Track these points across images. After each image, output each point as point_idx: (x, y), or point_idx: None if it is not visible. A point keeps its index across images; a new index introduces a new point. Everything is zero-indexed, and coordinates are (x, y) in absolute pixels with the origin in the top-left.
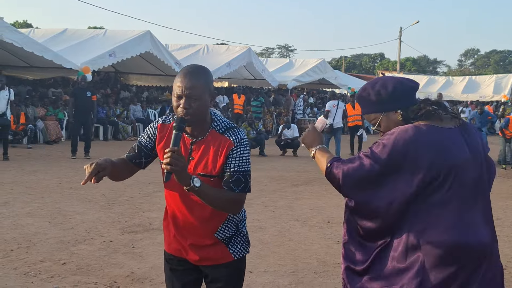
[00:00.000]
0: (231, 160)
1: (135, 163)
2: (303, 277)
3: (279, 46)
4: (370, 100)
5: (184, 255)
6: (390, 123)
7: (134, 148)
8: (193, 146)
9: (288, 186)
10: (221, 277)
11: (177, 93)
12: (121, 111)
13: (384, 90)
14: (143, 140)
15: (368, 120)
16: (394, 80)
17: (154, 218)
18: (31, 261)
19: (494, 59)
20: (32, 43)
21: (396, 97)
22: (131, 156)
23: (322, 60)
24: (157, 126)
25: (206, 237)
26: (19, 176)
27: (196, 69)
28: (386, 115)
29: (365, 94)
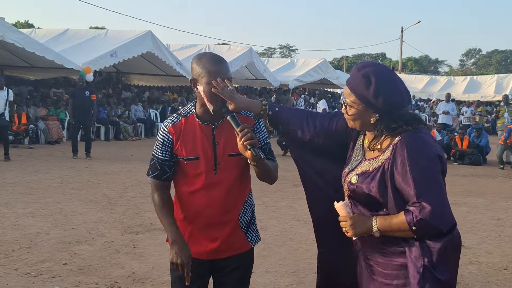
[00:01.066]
0: (258, 135)
1: (164, 179)
2: (304, 277)
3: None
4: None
5: (201, 254)
6: (362, 119)
7: (155, 167)
8: (215, 131)
9: (289, 186)
10: (239, 266)
11: (219, 77)
12: (122, 111)
13: (385, 97)
14: (160, 154)
15: (346, 94)
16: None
17: (155, 219)
18: (32, 261)
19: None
20: (34, 43)
21: (387, 105)
22: (158, 174)
23: (324, 60)
24: (169, 131)
25: (230, 222)
26: (21, 176)
27: (220, 56)
28: (366, 110)
29: (366, 81)
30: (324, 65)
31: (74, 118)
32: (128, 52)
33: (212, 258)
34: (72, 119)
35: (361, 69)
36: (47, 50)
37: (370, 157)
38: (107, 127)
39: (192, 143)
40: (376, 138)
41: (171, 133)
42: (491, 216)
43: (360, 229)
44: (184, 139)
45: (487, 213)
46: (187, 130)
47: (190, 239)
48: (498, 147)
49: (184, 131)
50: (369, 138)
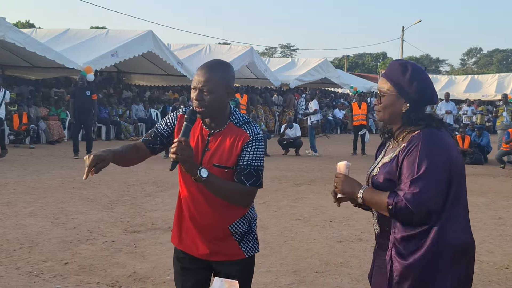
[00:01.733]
0: (245, 153)
1: (149, 147)
2: (305, 277)
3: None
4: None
5: (195, 251)
6: (393, 107)
7: (151, 133)
8: (210, 137)
9: (290, 186)
10: (234, 273)
11: (193, 85)
12: (123, 111)
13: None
14: (160, 127)
15: (380, 85)
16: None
17: (156, 218)
18: (33, 261)
19: (497, 58)
20: (35, 43)
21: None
22: (147, 140)
23: (325, 59)
24: (177, 116)
25: (219, 229)
26: (22, 176)
27: (215, 63)
28: (399, 98)
29: (403, 68)
30: (325, 65)
31: (75, 117)
32: (129, 52)
33: (203, 258)
34: (73, 118)
35: (399, 61)
36: (48, 50)
37: (389, 151)
38: (108, 127)
39: (189, 139)
40: (402, 127)
41: (177, 119)
42: (492, 215)
43: (347, 189)
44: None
45: (488, 212)
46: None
47: (185, 234)
48: (498, 150)
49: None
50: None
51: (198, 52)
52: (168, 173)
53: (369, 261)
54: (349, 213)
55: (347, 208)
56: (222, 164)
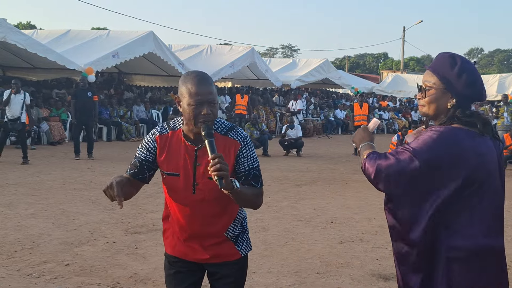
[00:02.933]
0: (243, 160)
1: (139, 179)
2: (306, 278)
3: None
4: (449, 69)
5: (190, 257)
6: (438, 102)
7: (135, 164)
8: (197, 152)
9: (291, 186)
10: (231, 273)
11: (198, 100)
12: (124, 112)
13: (468, 76)
14: (142, 155)
15: (425, 78)
16: (479, 77)
17: (157, 219)
18: (34, 262)
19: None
20: (36, 44)
21: (469, 87)
22: (134, 173)
23: (326, 60)
24: (155, 139)
25: (215, 237)
26: (23, 177)
27: (206, 76)
28: (445, 93)
29: (452, 61)
30: (326, 65)
31: (76, 118)
32: (130, 53)
33: (200, 262)
34: (74, 119)
35: (448, 53)
36: (49, 51)
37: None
38: (109, 128)
39: (175, 158)
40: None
41: (156, 142)
42: None
43: (356, 138)
44: (169, 153)
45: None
46: (172, 144)
47: (178, 242)
48: None
49: (169, 145)
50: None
51: (199, 53)
52: None
53: (370, 261)
54: (350, 214)
55: (348, 209)
56: None
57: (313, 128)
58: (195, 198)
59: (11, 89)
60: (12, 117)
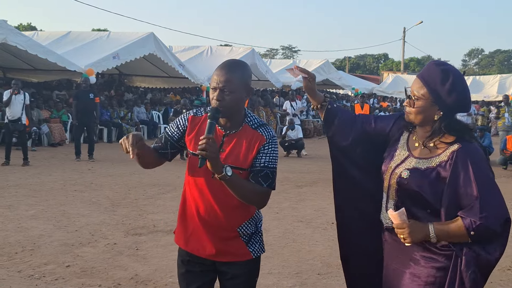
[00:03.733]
0: (262, 155)
1: (160, 153)
2: (307, 279)
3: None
4: (440, 83)
5: (201, 252)
6: (426, 114)
7: (161, 138)
8: (225, 138)
9: (292, 187)
10: (241, 274)
11: (213, 85)
12: (125, 113)
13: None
14: (170, 130)
15: (415, 87)
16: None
17: (158, 220)
18: (35, 263)
19: (498, 59)
20: (36, 46)
21: (458, 102)
22: (158, 146)
23: (326, 60)
24: (188, 118)
25: (228, 230)
26: (23, 178)
27: (233, 63)
28: (433, 105)
29: (443, 76)
30: (326, 66)
31: (77, 120)
32: (130, 54)
33: (211, 258)
34: (75, 121)
35: (440, 65)
36: (49, 52)
37: (419, 155)
38: (110, 129)
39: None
40: (432, 135)
41: (188, 121)
42: None
43: (418, 236)
44: (197, 134)
45: None
46: (203, 126)
47: (191, 235)
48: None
49: (199, 126)
50: (420, 136)
51: (200, 54)
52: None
53: None
54: None
55: None
56: (238, 165)
57: (313, 129)
58: (214, 183)
59: (12, 90)
60: (13, 118)
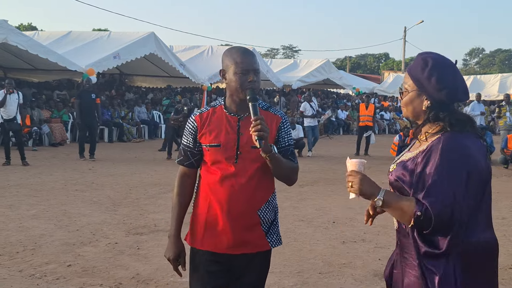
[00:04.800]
0: (283, 135)
1: (187, 165)
2: (308, 278)
3: (284, 46)
4: (420, 71)
5: (219, 247)
6: (413, 104)
7: (180, 152)
8: (240, 122)
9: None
10: (258, 267)
11: (246, 68)
12: (126, 113)
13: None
14: (185, 140)
15: (404, 80)
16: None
17: (159, 220)
18: (36, 263)
19: (499, 58)
20: (37, 46)
21: (439, 91)
22: (181, 160)
23: (327, 60)
24: (194, 119)
25: (249, 215)
26: (24, 178)
27: (248, 49)
28: (419, 94)
29: (423, 63)
30: (327, 66)
31: (81, 120)
32: (131, 54)
33: (229, 252)
34: (79, 120)
35: (423, 54)
36: (50, 52)
37: (411, 150)
38: (111, 129)
39: (216, 131)
40: (422, 126)
41: (196, 121)
42: (495, 215)
43: (367, 188)
44: (209, 127)
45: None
46: (213, 119)
47: (207, 231)
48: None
49: (209, 120)
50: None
51: (200, 54)
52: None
53: (373, 261)
54: (352, 214)
55: (350, 209)
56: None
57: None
58: (237, 169)
59: (6, 90)
60: (8, 118)
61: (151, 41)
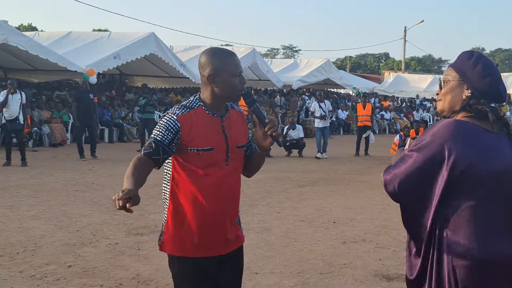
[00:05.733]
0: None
1: (154, 159)
2: (309, 278)
3: (284, 46)
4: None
5: (214, 250)
6: (453, 93)
7: (150, 145)
8: (223, 123)
9: (293, 187)
10: (241, 259)
11: (238, 71)
12: (126, 113)
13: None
14: (159, 135)
15: (445, 73)
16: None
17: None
18: (37, 264)
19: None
20: (37, 46)
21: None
22: (150, 152)
23: (327, 60)
24: (177, 118)
25: (235, 214)
26: (25, 179)
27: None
28: (461, 84)
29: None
30: (327, 66)
31: (79, 120)
32: (131, 54)
33: (223, 252)
34: (77, 121)
35: (467, 51)
36: (50, 52)
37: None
38: (111, 129)
39: (204, 134)
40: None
41: (179, 121)
42: None
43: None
44: (197, 130)
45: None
46: (198, 121)
47: (202, 237)
48: None
49: (194, 122)
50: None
51: None
52: None
53: (373, 262)
54: (353, 214)
55: (351, 209)
56: (243, 144)
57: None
58: (228, 170)
59: (8, 90)
60: (11, 118)
61: (151, 41)
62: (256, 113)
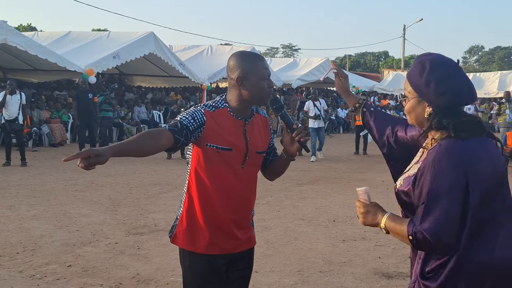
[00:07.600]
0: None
1: (175, 138)
2: (309, 276)
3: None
4: (418, 76)
5: (227, 247)
6: (416, 111)
7: (176, 124)
8: (246, 127)
9: (293, 186)
10: (251, 259)
11: (267, 75)
12: (125, 113)
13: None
14: (186, 120)
15: (404, 86)
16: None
17: (159, 220)
18: (36, 263)
19: (499, 56)
20: (36, 46)
21: (439, 96)
22: (175, 130)
23: (327, 59)
24: (203, 112)
25: (248, 217)
26: (25, 179)
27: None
28: (420, 101)
29: (420, 68)
30: (327, 64)
31: (79, 120)
32: (130, 54)
33: (236, 251)
34: (77, 121)
35: (420, 57)
36: (49, 52)
37: (418, 160)
38: (111, 129)
39: (226, 133)
40: (423, 134)
41: (205, 115)
42: None
43: (370, 220)
44: (220, 128)
45: None
46: (221, 120)
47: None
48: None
49: (219, 121)
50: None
51: (200, 53)
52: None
53: (373, 260)
54: (352, 213)
55: (350, 207)
56: (263, 150)
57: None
58: (242, 174)
59: (6, 90)
60: (10, 118)
61: (151, 41)
62: (284, 118)
